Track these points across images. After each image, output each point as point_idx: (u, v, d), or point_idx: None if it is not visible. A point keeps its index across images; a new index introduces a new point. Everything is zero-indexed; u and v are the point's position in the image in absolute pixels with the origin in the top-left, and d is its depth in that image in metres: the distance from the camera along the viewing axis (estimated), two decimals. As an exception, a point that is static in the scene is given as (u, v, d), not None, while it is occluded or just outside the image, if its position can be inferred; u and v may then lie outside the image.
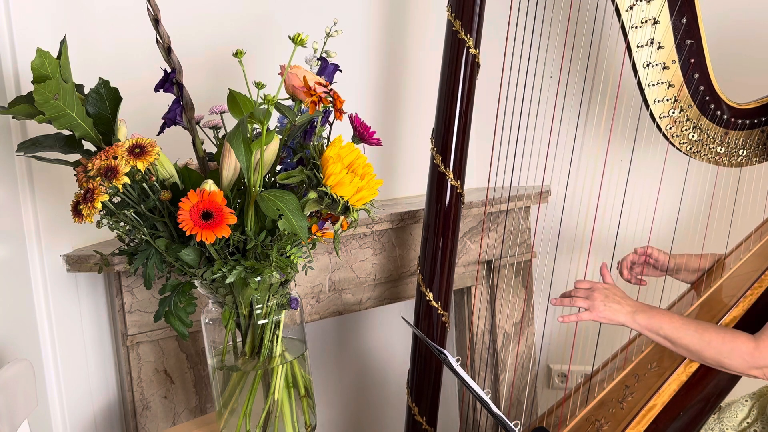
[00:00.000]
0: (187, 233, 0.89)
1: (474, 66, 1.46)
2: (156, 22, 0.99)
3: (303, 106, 1.02)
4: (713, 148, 1.42)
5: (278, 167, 1.02)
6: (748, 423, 1.34)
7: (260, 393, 1.05)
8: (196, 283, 1.02)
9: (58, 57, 0.94)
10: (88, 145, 1.00)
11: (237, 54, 0.96)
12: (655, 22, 1.35)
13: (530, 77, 1.50)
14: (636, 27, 1.36)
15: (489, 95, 1.55)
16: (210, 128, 1.07)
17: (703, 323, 1.25)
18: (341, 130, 1.03)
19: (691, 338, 1.22)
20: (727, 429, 1.35)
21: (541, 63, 1.54)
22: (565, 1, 1.67)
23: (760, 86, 1.46)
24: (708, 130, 1.40)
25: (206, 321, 1.07)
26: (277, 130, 1.01)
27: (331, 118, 1.06)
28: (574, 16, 1.60)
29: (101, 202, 0.88)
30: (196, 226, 0.89)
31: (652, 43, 1.36)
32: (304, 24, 1.23)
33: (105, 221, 0.95)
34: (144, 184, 0.94)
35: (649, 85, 1.38)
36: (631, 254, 1.51)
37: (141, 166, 0.89)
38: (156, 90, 1.02)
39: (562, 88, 1.61)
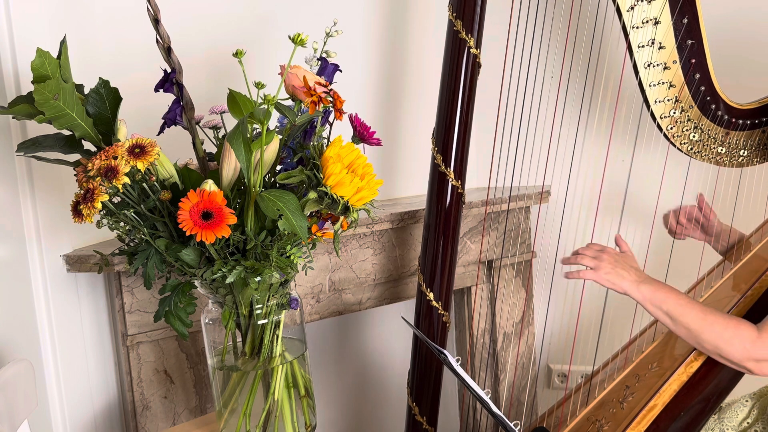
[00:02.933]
0: (187, 233, 0.89)
1: (475, 66, 1.46)
2: (156, 22, 0.99)
3: (303, 106, 1.02)
4: (714, 148, 1.41)
5: (278, 167, 1.02)
6: (748, 423, 1.34)
7: (260, 393, 1.05)
8: (196, 283, 1.02)
9: (58, 57, 0.93)
10: (88, 145, 1.00)
11: (237, 54, 0.96)
12: (656, 23, 1.35)
13: (531, 77, 1.50)
14: (637, 27, 1.36)
15: (490, 95, 1.55)
16: (210, 128, 1.07)
17: (708, 307, 1.22)
18: (341, 130, 1.03)
19: (694, 318, 1.19)
20: (728, 429, 1.34)
21: (542, 63, 1.54)
22: (566, 1, 1.67)
23: (760, 87, 1.45)
24: (709, 130, 1.40)
25: (206, 321, 1.07)
26: (277, 130, 1.01)
27: (331, 118, 1.06)
28: (575, 16, 1.60)
29: (101, 202, 0.88)
30: (196, 226, 0.88)
31: (653, 43, 1.36)
32: (304, 24, 1.22)
33: (105, 221, 0.95)
34: (144, 184, 0.94)
35: (650, 86, 1.38)
36: (692, 207, 1.48)
37: (141, 166, 0.89)
38: (156, 90, 1.02)
39: (563, 88, 1.61)
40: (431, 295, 1.51)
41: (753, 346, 1.15)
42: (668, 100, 1.39)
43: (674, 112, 1.40)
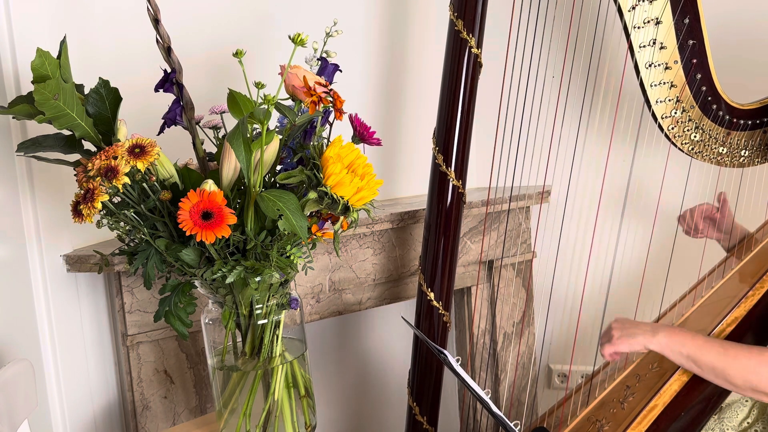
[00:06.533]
0: (187, 233, 0.89)
1: (476, 66, 1.45)
2: (156, 22, 0.99)
3: (303, 106, 1.02)
4: (715, 148, 1.41)
5: (278, 167, 1.02)
6: (748, 423, 1.34)
7: (260, 393, 1.05)
8: (196, 283, 1.02)
9: (58, 57, 0.93)
10: (88, 145, 1.00)
11: (237, 54, 0.96)
12: (658, 23, 1.35)
13: (532, 77, 1.50)
14: (638, 27, 1.36)
15: (491, 95, 1.55)
16: (210, 128, 1.07)
17: (727, 341, 1.20)
18: (341, 130, 1.03)
19: (716, 355, 1.17)
20: (728, 429, 1.34)
21: (543, 63, 1.54)
22: (567, 2, 1.67)
23: (762, 87, 1.45)
24: (710, 130, 1.40)
25: (206, 321, 1.07)
26: (277, 130, 1.01)
27: (331, 118, 1.06)
28: (577, 17, 1.59)
29: (101, 202, 0.88)
30: (196, 226, 0.88)
31: (654, 43, 1.36)
32: (304, 24, 1.22)
33: (105, 221, 0.95)
34: (144, 184, 0.94)
35: (651, 86, 1.38)
36: (708, 206, 1.48)
37: (141, 166, 0.89)
38: (156, 90, 1.02)
39: (564, 88, 1.60)
40: (432, 295, 1.51)
41: None
42: (669, 100, 1.39)
43: (675, 113, 1.39)
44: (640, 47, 1.37)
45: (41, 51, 0.91)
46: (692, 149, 1.42)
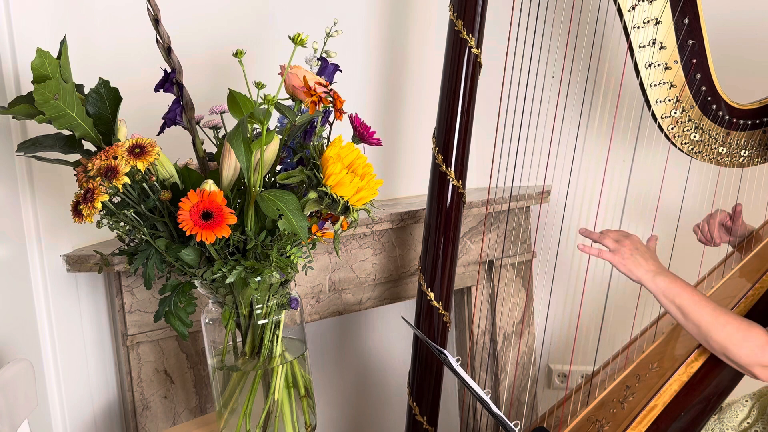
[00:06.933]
0: (187, 233, 0.89)
1: (476, 66, 1.45)
2: (156, 22, 0.99)
3: (303, 106, 1.02)
4: (715, 148, 1.41)
5: (278, 167, 1.02)
6: (748, 423, 1.34)
7: (260, 393, 1.05)
8: (196, 283, 1.02)
9: (58, 57, 0.93)
10: (88, 145, 1.00)
11: (237, 54, 0.96)
12: (657, 23, 1.35)
13: (532, 77, 1.50)
14: (638, 27, 1.36)
15: (491, 95, 1.55)
16: (210, 128, 1.07)
17: (722, 307, 1.21)
18: (341, 130, 1.03)
19: (706, 316, 1.18)
20: (728, 429, 1.34)
21: (543, 63, 1.54)
22: (567, 2, 1.67)
23: (761, 87, 1.45)
24: (710, 130, 1.40)
25: (206, 321, 1.07)
26: (277, 130, 1.01)
27: (331, 118, 1.06)
28: (577, 17, 1.60)
29: (101, 202, 0.88)
30: (196, 226, 0.88)
31: (654, 43, 1.36)
32: (304, 24, 1.22)
33: (105, 221, 0.95)
34: (144, 184, 0.94)
35: (651, 86, 1.38)
36: (723, 213, 1.47)
37: (141, 166, 0.89)
38: (156, 90, 1.02)
39: (564, 88, 1.60)
40: (432, 295, 1.51)
41: (762, 351, 1.14)
42: (669, 100, 1.39)
43: (675, 113, 1.39)
44: (639, 47, 1.37)
45: (41, 51, 0.91)
46: (692, 149, 1.42)
